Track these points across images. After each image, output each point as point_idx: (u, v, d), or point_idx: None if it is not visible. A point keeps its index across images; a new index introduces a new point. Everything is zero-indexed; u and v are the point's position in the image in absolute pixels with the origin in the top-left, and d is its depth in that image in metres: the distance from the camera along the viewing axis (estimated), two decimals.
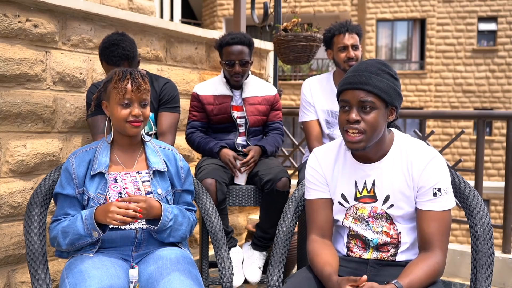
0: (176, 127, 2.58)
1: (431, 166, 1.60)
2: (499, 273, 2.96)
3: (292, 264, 3.00)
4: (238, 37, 2.65)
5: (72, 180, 1.79)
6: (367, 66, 1.58)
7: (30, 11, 2.44)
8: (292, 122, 14.12)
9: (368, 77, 1.55)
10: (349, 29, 2.61)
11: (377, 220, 1.67)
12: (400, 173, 1.63)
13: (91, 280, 1.58)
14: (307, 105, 2.76)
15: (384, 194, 1.65)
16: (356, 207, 1.69)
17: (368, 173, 1.66)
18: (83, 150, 1.86)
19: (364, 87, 1.54)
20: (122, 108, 1.76)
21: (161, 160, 1.89)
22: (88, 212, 1.70)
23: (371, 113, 1.54)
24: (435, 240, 1.58)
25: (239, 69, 2.64)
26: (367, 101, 1.54)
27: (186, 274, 1.69)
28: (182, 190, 1.93)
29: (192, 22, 16.11)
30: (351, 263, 1.71)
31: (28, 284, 2.50)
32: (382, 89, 1.54)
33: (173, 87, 2.59)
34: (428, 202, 1.60)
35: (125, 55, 2.34)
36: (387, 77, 1.57)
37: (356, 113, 1.55)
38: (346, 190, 1.69)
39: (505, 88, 15.91)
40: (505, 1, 15.90)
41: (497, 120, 8.76)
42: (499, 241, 3.18)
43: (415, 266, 1.54)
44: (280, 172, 2.50)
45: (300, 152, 3.86)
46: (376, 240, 1.67)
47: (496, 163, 15.38)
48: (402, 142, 1.67)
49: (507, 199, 3.07)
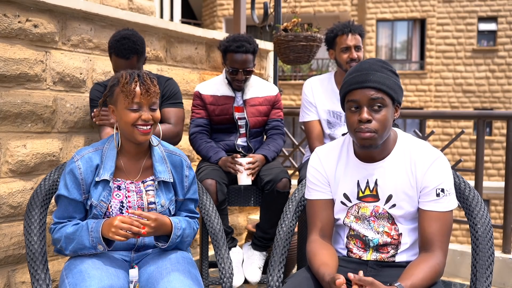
0: (183, 120, 2.57)
1: (435, 166, 1.60)
2: (499, 273, 2.96)
3: (292, 264, 3.00)
4: (244, 46, 2.59)
5: (79, 185, 1.72)
6: (370, 65, 1.57)
7: (30, 11, 2.44)
8: (292, 122, 14.12)
9: (374, 75, 1.54)
10: (352, 30, 2.60)
11: (379, 220, 1.66)
12: (403, 173, 1.62)
13: (91, 280, 1.58)
14: (309, 105, 2.75)
15: (386, 193, 1.64)
16: (358, 206, 1.68)
17: (371, 172, 1.65)
18: (88, 151, 1.76)
19: (374, 84, 1.53)
20: (130, 112, 1.67)
21: (167, 169, 1.81)
22: (95, 225, 1.65)
23: (381, 111, 1.54)
24: (436, 241, 1.58)
25: (242, 77, 2.63)
26: (377, 98, 1.53)
27: (186, 274, 1.68)
28: (184, 199, 1.87)
29: (192, 22, 16.11)
30: (351, 264, 1.70)
31: (28, 284, 2.50)
32: (389, 86, 1.55)
33: (175, 84, 2.60)
34: (431, 202, 1.60)
35: (135, 49, 2.35)
36: (390, 74, 1.57)
37: (367, 112, 1.53)
38: (349, 190, 1.68)
39: (505, 88, 15.91)
40: (505, 1, 15.90)
41: (497, 120, 8.77)
42: (499, 241, 3.18)
43: (416, 267, 1.54)
44: (281, 172, 2.50)
45: (300, 152, 3.86)
46: (377, 240, 1.67)
47: (496, 163, 15.38)
48: (405, 141, 1.67)
49: (507, 199, 3.07)
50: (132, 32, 2.43)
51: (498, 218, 13.63)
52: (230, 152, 2.70)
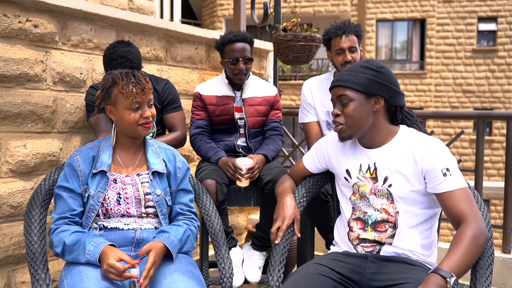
0: (184, 121, 2.70)
1: (433, 149, 1.67)
2: (499, 273, 2.96)
3: (292, 264, 3.00)
4: (240, 35, 2.66)
5: (77, 176, 1.79)
6: (350, 67, 1.78)
7: (30, 11, 2.44)
8: (292, 122, 14.12)
9: (343, 75, 1.75)
10: (345, 32, 2.55)
11: (378, 198, 1.74)
12: (401, 156, 1.72)
13: (89, 281, 1.58)
14: (307, 106, 2.75)
15: (383, 175, 1.74)
16: (358, 184, 1.79)
17: (370, 157, 1.78)
18: (86, 147, 1.85)
19: (338, 83, 1.75)
20: (132, 112, 1.76)
21: (160, 161, 1.89)
22: (93, 249, 1.66)
23: (348, 105, 1.73)
24: (462, 209, 1.59)
25: (242, 66, 2.64)
26: (342, 95, 1.73)
27: (188, 275, 1.70)
28: (177, 190, 1.92)
29: (192, 22, 16.11)
30: (351, 259, 1.72)
31: (28, 284, 2.50)
32: (355, 82, 1.72)
33: (173, 87, 2.69)
34: (442, 183, 1.63)
35: (133, 67, 2.40)
36: (366, 71, 1.73)
37: (337, 108, 1.76)
38: (351, 167, 1.82)
39: (505, 88, 15.91)
40: (505, 1, 15.91)
41: (497, 120, 8.78)
42: (499, 241, 3.18)
43: (453, 245, 1.53)
44: (280, 172, 2.49)
45: (300, 152, 3.86)
46: (374, 217, 1.74)
47: (496, 163, 15.38)
48: (406, 132, 1.78)
49: (507, 199, 3.07)
50: (128, 47, 2.46)
51: (498, 218, 13.63)
52: (230, 153, 2.70)
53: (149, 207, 1.84)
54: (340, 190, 1.89)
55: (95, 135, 2.44)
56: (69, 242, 1.70)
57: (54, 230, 1.76)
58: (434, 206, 1.74)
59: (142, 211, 1.82)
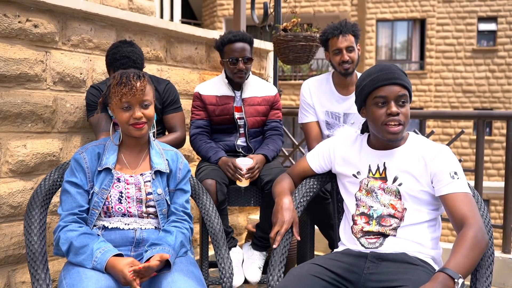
0: (184, 122, 2.71)
1: (442, 154, 1.72)
2: (499, 273, 2.96)
3: (292, 264, 3.00)
4: (240, 35, 2.66)
5: (85, 173, 1.80)
6: (391, 66, 1.76)
7: (30, 11, 2.44)
8: (292, 122, 14.12)
9: (399, 74, 1.72)
10: (342, 32, 2.54)
11: (386, 194, 1.76)
12: (412, 159, 1.75)
13: (88, 281, 1.58)
14: (307, 107, 2.74)
15: (393, 175, 1.76)
16: (368, 179, 1.82)
17: (379, 158, 1.80)
18: (92, 144, 1.87)
19: (400, 82, 1.71)
20: (123, 111, 1.78)
21: (164, 161, 1.90)
22: (100, 257, 1.66)
23: (405, 105, 1.72)
24: (465, 212, 1.61)
25: (242, 66, 2.64)
26: (403, 94, 1.71)
27: (189, 275, 1.70)
28: (175, 189, 1.92)
29: (192, 22, 16.11)
30: (350, 258, 1.72)
31: (28, 284, 2.50)
32: (410, 84, 1.74)
33: (174, 88, 2.69)
34: (449, 185, 1.66)
35: (135, 68, 2.40)
36: (406, 75, 1.77)
37: (396, 106, 1.70)
38: (361, 168, 1.84)
39: (505, 88, 15.91)
40: (505, 1, 15.90)
41: (497, 120, 8.78)
42: (499, 241, 3.17)
43: (455, 246, 1.55)
44: (280, 172, 2.49)
45: (300, 152, 3.86)
46: (380, 211, 1.75)
47: (496, 163, 15.38)
48: (417, 139, 1.82)
49: (507, 199, 3.07)
50: (131, 47, 2.47)
51: (498, 218, 13.63)
52: (230, 153, 2.70)
53: (150, 207, 1.84)
54: (345, 188, 1.90)
55: (95, 135, 2.45)
56: (77, 244, 1.69)
57: (62, 228, 1.74)
58: (441, 208, 1.77)
59: (143, 210, 1.82)
